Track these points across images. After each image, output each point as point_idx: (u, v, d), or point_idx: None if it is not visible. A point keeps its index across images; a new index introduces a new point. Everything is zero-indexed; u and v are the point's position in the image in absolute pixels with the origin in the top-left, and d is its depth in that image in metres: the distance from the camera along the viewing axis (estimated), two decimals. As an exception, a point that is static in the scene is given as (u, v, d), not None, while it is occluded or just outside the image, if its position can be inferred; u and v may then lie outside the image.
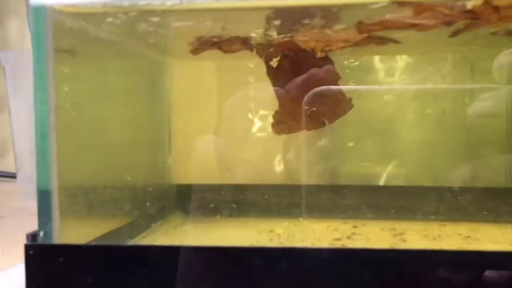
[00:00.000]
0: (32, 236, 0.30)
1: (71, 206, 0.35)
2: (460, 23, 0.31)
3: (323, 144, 0.61)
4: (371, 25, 0.34)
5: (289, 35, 0.38)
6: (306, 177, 0.62)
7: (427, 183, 0.59)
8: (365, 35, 0.39)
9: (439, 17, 0.30)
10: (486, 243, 0.46)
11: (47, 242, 0.30)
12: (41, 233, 0.30)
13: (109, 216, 0.44)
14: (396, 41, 0.43)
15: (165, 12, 0.30)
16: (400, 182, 0.60)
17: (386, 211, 0.56)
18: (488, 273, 0.31)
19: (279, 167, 0.61)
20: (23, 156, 0.75)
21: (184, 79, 0.58)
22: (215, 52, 0.47)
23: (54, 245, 0.31)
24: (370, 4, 0.28)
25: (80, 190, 0.36)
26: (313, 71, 0.46)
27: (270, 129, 0.60)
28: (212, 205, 0.58)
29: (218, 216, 0.57)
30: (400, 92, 0.59)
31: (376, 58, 0.58)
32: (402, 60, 0.57)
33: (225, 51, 0.44)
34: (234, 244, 0.31)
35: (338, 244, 0.45)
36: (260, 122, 0.59)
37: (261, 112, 0.59)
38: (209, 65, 0.56)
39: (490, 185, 0.58)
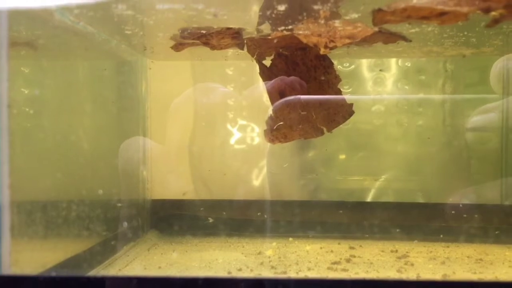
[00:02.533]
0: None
1: (25, 225, 0.29)
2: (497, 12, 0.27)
3: (309, 157, 0.56)
4: (390, 14, 0.29)
5: (290, 27, 0.33)
6: (292, 192, 0.57)
7: (420, 199, 0.55)
8: (376, 29, 0.34)
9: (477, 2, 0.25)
10: (503, 268, 0.42)
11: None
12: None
13: (73, 236, 0.37)
14: (406, 39, 0.38)
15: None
16: (390, 198, 0.55)
17: (383, 230, 0.51)
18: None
19: (261, 182, 0.56)
20: None
21: (161, 82, 0.52)
22: (194, 51, 0.42)
23: (3, 277, 0.24)
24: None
25: (37, 206, 0.30)
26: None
27: (249, 140, 0.55)
28: (190, 223, 0.52)
29: (198, 236, 0.51)
30: (390, 103, 0.55)
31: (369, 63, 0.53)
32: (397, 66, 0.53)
33: (213, 47, 0.39)
34: (220, 274, 0.25)
35: (338, 269, 0.39)
36: (240, 133, 0.54)
37: (240, 122, 0.54)
38: (186, 66, 0.51)
39: (486, 202, 0.54)
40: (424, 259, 0.43)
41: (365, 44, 0.40)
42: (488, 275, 0.37)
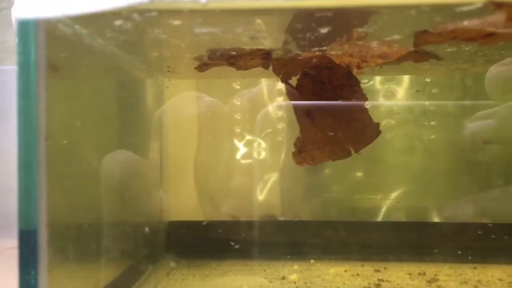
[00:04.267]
0: None
1: (59, 252, 0.27)
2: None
3: (323, 175, 0.55)
4: (435, 36, 0.28)
5: (324, 48, 0.32)
6: (305, 210, 0.55)
7: (436, 219, 0.53)
8: (412, 49, 0.33)
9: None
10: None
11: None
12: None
13: (97, 262, 0.36)
14: (438, 57, 0.37)
15: (185, 13, 0.23)
16: (405, 217, 0.54)
17: (407, 251, 0.49)
18: None
19: (275, 200, 0.54)
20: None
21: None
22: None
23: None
24: (460, 5, 0.22)
25: (69, 230, 0.28)
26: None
27: (256, 155, 0.53)
28: (208, 246, 0.50)
29: (216, 259, 0.49)
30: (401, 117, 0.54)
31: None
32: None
33: (239, 67, 0.38)
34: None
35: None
36: (246, 148, 0.53)
37: (248, 137, 0.53)
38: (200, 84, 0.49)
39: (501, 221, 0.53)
40: (455, 283, 0.42)
41: (394, 63, 0.39)
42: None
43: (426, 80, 0.51)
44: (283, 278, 0.44)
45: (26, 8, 0.24)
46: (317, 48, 0.32)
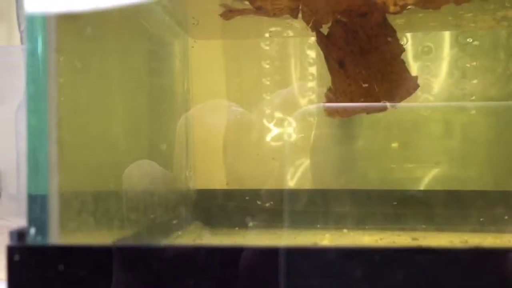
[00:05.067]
0: (18, 235, 0.20)
1: (72, 220, 0.26)
2: None
3: (355, 147, 0.52)
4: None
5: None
6: (339, 181, 0.53)
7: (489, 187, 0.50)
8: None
9: None
10: None
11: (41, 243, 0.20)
12: (32, 230, 0.20)
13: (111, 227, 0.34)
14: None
15: None
16: (446, 186, 0.51)
17: (442, 219, 0.46)
18: None
19: (307, 171, 0.52)
20: (8, 173, 0.66)
21: (204, 63, 0.49)
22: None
23: (54, 247, 0.21)
24: None
25: (84, 196, 0.27)
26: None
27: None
28: (236, 213, 0.48)
29: (244, 227, 0.47)
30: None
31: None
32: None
33: (266, 13, 0.36)
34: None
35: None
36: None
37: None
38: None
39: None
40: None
41: (433, 7, 0.37)
42: None
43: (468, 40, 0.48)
44: (314, 244, 0.42)
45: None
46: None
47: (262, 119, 0.50)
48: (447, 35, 0.46)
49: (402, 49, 0.39)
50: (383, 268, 0.21)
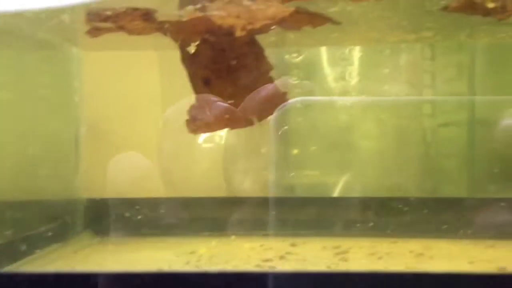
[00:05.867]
0: None
1: None
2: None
3: (267, 152, 0.54)
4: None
5: (198, 6, 0.31)
6: (247, 188, 0.54)
7: (381, 194, 0.52)
8: (292, 9, 0.32)
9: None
10: (441, 262, 0.40)
11: None
12: None
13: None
14: (334, 21, 0.36)
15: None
16: (350, 193, 0.53)
17: (331, 226, 0.48)
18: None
19: (215, 178, 0.54)
20: None
21: (98, 74, 0.50)
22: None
23: None
24: None
25: None
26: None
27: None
28: (127, 222, 0.49)
29: (134, 237, 0.48)
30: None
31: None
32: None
33: (129, 32, 0.37)
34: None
35: (265, 267, 0.37)
36: None
37: None
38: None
39: (449, 195, 0.52)
40: (363, 254, 0.41)
41: (293, 28, 0.38)
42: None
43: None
44: (192, 252, 0.43)
45: None
46: (192, 7, 0.31)
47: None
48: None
49: (270, 67, 0.40)
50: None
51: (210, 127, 0.38)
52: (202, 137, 0.54)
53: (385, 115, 0.52)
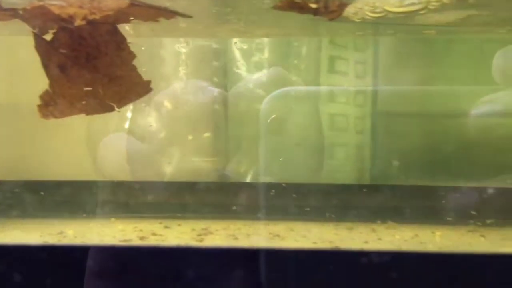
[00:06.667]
0: None
1: None
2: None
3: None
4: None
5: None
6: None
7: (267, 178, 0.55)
8: (127, 2, 0.34)
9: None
10: (289, 242, 0.42)
11: None
12: None
13: None
14: (181, 14, 0.38)
15: None
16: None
17: (209, 210, 0.51)
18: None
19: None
20: None
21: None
22: None
23: None
24: None
25: None
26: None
27: None
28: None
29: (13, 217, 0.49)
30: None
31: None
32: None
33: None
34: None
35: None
36: None
37: None
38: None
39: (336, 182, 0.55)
40: (222, 236, 0.44)
41: (148, 20, 0.40)
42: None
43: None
44: (60, 233, 0.45)
45: None
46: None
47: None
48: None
49: (133, 56, 0.42)
50: None
51: (63, 112, 0.39)
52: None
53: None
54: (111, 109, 0.42)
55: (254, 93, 0.56)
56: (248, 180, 0.56)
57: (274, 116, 0.53)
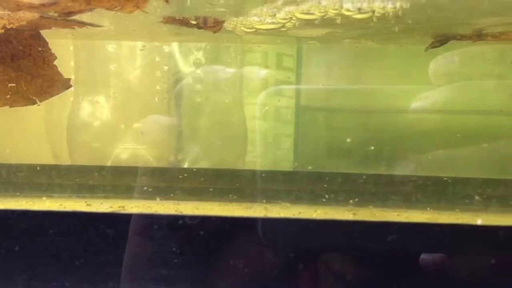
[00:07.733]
0: None
1: None
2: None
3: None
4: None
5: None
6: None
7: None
8: (38, 15, 0.40)
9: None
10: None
11: None
12: None
13: None
14: (94, 24, 0.45)
15: None
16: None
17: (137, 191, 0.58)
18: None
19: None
20: None
21: None
22: None
23: None
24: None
25: None
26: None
27: None
28: None
29: None
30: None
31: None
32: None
33: None
34: None
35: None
36: None
37: None
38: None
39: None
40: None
41: (65, 28, 0.47)
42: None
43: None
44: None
45: None
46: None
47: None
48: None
49: (54, 57, 0.49)
50: None
51: (-12, 103, 0.46)
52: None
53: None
54: (33, 103, 0.48)
55: (194, 87, 0.63)
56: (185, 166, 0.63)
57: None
